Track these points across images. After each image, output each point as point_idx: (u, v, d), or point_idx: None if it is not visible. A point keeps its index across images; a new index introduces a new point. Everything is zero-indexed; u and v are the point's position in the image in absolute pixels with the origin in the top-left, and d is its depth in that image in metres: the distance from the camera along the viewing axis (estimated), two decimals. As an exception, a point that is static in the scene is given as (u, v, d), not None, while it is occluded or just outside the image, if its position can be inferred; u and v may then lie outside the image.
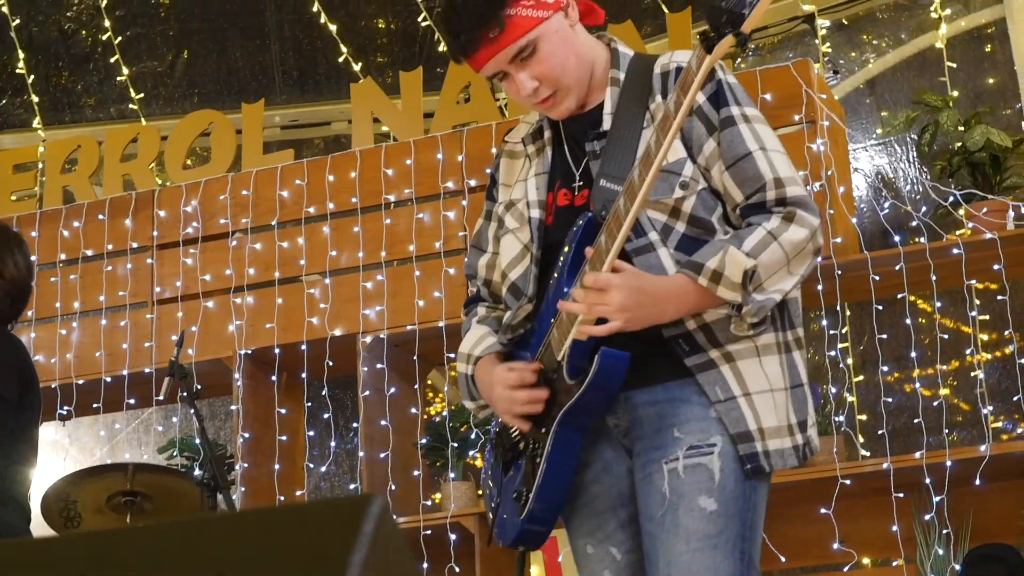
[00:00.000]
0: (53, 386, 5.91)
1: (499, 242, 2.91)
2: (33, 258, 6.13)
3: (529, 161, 2.88)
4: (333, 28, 7.48)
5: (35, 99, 7.79)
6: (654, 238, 2.64)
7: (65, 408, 6.01)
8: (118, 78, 7.72)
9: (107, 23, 7.70)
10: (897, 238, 5.32)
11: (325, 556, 1.16)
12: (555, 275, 2.73)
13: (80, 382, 5.97)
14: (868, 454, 5.32)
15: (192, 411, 4.66)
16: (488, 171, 5.61)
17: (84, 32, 7.84)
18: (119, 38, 7.72)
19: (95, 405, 6.03)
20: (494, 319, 2.94)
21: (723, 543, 2.59)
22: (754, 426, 2.62)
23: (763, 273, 2.57)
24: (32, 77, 7.80)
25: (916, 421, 5.17)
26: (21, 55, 7.78)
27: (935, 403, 5.40)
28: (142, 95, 7.72)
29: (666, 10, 6.58)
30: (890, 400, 5.58)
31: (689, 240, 2.64)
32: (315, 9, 7.50)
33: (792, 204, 2.63)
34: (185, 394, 4.71)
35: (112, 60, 7.71)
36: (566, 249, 2.69)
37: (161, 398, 4.73)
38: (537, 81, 2.71)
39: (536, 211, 2.81)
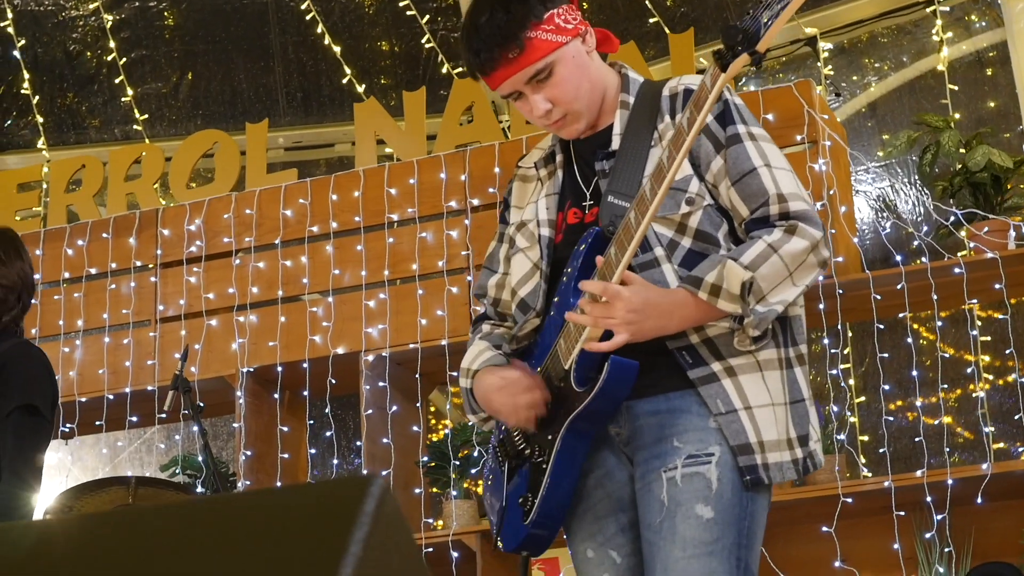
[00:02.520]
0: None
1: (509, 262, 2.98)
2: (36, 276, 6.17)
3: (541, 184, 2.96)
4: (337, 50, 7.52)
5: (40, 120, 7.82)
6: (659, 253, 2.70)
7: (67, 426, 6.02)
8: (123, 99, 7.75)
9: (112, 44, 7.73)
10: (899, 258, 5.33)
11: (327, 534, 1.17)
12: (560, 289, 2.78)
13: (83, 400, 5.98)
14: (870, 474, 5.33)
15: (195, 426, 4.66)
16: (491, 190, 5.66)
17: (89, 53, 7.87)
18: (124, 59, 7.75)
19: (98, 423, 6.03)
20: (497, 335, 2.99)
21: (719, 550, 2.62)
22: (754, 439, 2.66)
23: (764, 285, 2.61)
24: (37, 98, 7.84)
25: (917, 440, 5.17)
26: (26, 76, 7.81)
27: (936, 423, 5.40)
28: (146, 116, 7.75)
29: (668, 32, 6.61)
30: (891, 420, 5.59)
31: (694, 255, 2.70)
32: (319, 31, 7.53)
33: (795, 218, 2.68)
34: (188, 410, 4.71)
35: (117, 81, 7.74)
36: (574, 262, 2.74)
37: (165, 411, 4.74)
38: (551, 103, 2.78)
39: (546, 229, 2.88)
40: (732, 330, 2.65)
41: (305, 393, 5.73)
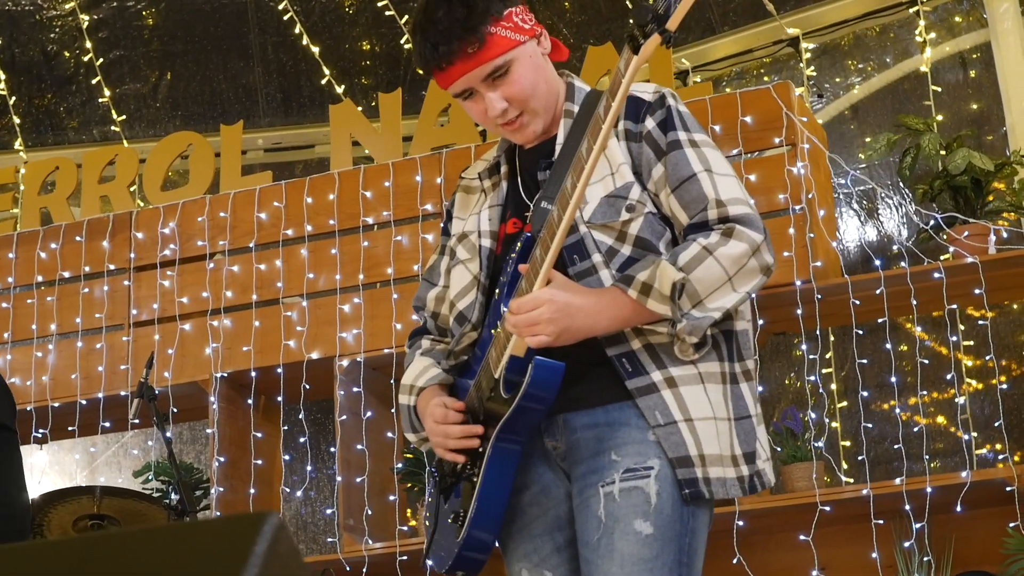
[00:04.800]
0: (29, 409, 5.86)
1: (450, 275, 2.92)
2: (10, 279, 6.11)
3: (485, 195, 2.89)
4: (316, 50, 7.45)
5: (17, 121, 7.75)
6: (597, 260, 2.64)
7: (40, 431, 5.96)
8: (100, 100, 7.69)
9: (89, 44, 7.67)
10: (878, 262, 5.28)
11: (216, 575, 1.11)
12: (494, 299, 2.73)
13: (56, 405, 5.92)
14: (852, 480, 5.27)
15: (162, 435, 4.60)
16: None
17: (67, 53, 7.80)
18: (102, 60, 7.68)
19: (71, 428, 5.97)
20: (438, 351, 2.93)
21: (659, 567, 2.55)
22: (695, 452, 2.59)
23: (700, 288, 2.54)
24: (14, 99, 7.77)
25: (897, 447, 5.12)
26: (2, 76, 7.74)
27: (915, 429, 5.35)
28: (124, 117, 7.68)
29: (649, 33, 6.54)
30: (871, 426, 5.54)
31: (634, 262, 2.63)
32: (298, 31, 7.47)
33: (734, 221, 2.61)
34: (155, 417, 4.65)
35: (95, 82, 7.68)
36: (506, 271, 2.68)
37: (132, 419, 4.68)
38: (506, 102, 2.70)
39: (487, 240, 2.82)
40: (671, 337, 2.58)
41: (279, 398, 5.67)
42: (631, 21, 2.30)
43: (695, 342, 2.58)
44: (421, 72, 2.82)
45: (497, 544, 2.77)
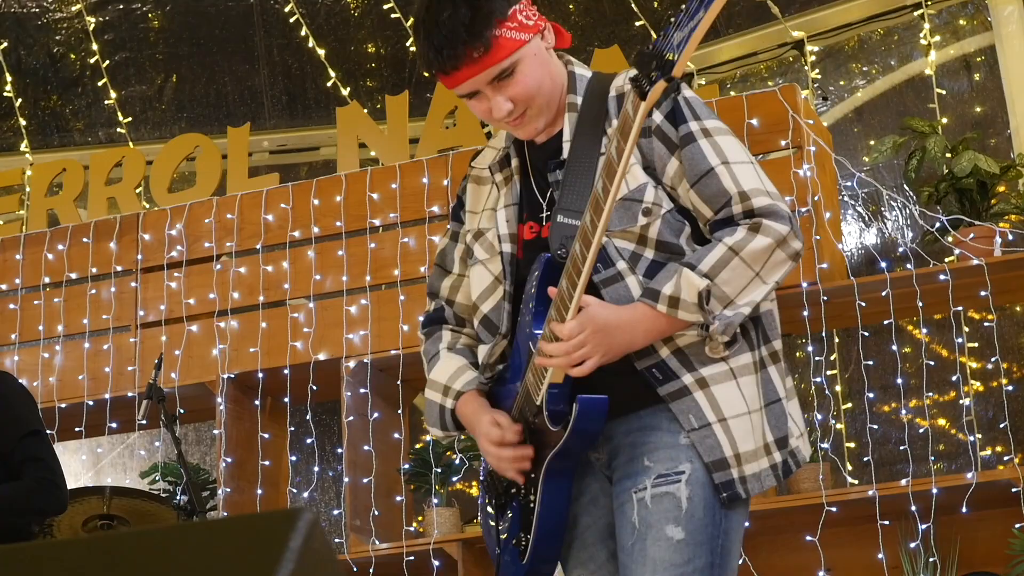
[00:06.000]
0: (35, 410, 5.87)
1: (465, 265, 2.90)
2: (17, 280, 6.12)
3: (497, 190, 2.85)
4: (322, 52, 7.47)
5: (23, 123, 7.77)
6: (622, 267, 2.62)
7: (47, 432, 5.95)
8: (106, 102, 7.70)
9: (95, 47, 7.68)
10: (884, 264, 5.29)
11: (251, 571, 1.12)
12: (522, 316, 2.72)
13: (63, 406, 5.93)
14: (856, 482, 5.29)
15: (172, 435, 4.62)
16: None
17: (73, 55, 7.82)
18: (108, 62, 7.70)
19: (77, 429, 5.99)
20: (464, 347, 2.91)
21: (690, 572, 2.55)
22: (730, 452, 2.58)
23: (728, 290, 2.54)
24: (20, 101, 7.78)
25: (903, 448, 5.13)
26: (9, 79, 7.76)
27: (921, 431, 5.36)
28: (130, 119, 7.70)
29: (655, 35, 6.57)
30: (876, 427, 5.55)
31: (658, 265, 2.62)
32: (303, 33, 7.49)
33: (759, 214, 2.59)
34: (164, 418, 4.67)
35: (101, 84, 7.69)
36: (531, 291, 2.67)
37: (141, 420, 4.69)
38: (512, 103, 2.68)
39: (508, 245, 2.78)
40: (702, 338, 2.58)
41: (286, 400, 5.69)
42: (635, 70, 2.27)
43: (727, 340, 2.59)
44: (427, 74, 2.80)
45: None
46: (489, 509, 2.86)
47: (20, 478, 4.10)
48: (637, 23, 7.01)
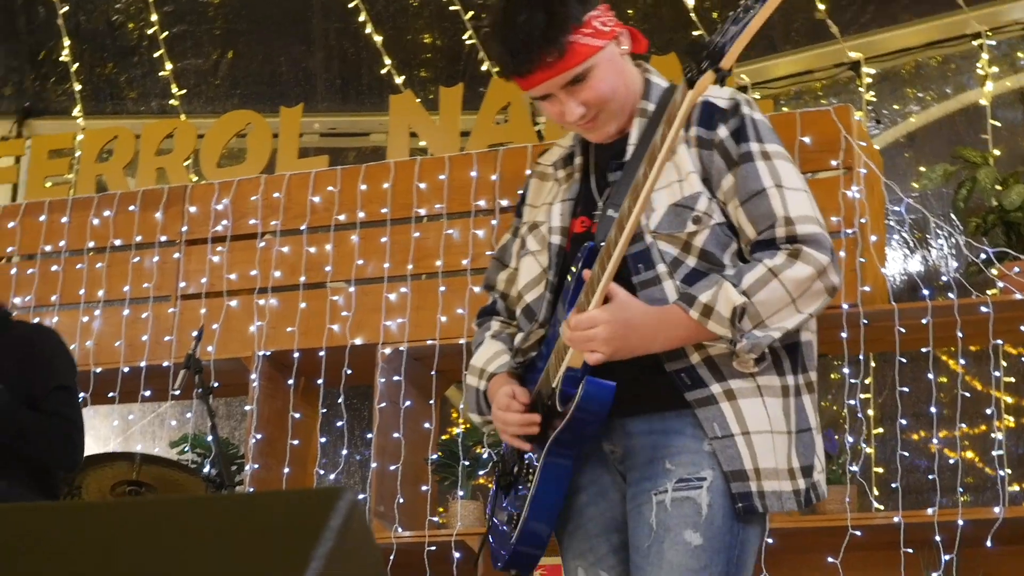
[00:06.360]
0: (70, 372, 5.91)
1: (520, 260, 2.94)
2: (61, 243, 6.16)
3: (558, 185, 2.89)
4: (379, 39, 7.49)
5: (77, 88, 7.82)
6: (662, 270, 2.64)
7: (80, 395, 5.99)
8: (161, 73, 7.74)
9: (154, 17, 7.73)
10: (926, 292, 5.28)
11: (289, 547, 1.14)
12: (560, 304, 2.76)
13: (98, 370, 5.97)
14: (882, 507, 5.27)
15: (205, 407, 4.65)
16: (521, 191, 5.60)
17: (131, 24, 7.87)
18: (165, 33, 7.74)
19: (111, 394, 6.03)
20: (508, 336, 2.95)
21: None
22: (750, 465, 2.60)
23: (762, 310, 2.56)
24: (76, 65, 7.83)
25: (931, 478, 5.12)
26: (66, 43, 7.81)
27: (951, 462, 5.34)
28: (184, 91, 7.74)
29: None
30: (906, 454, 5.53)
31: (698, 274, 2.64)
32: (362, 19, 7.51)
33: (801, 241, 2.61)
34: (200, 389, 4.70)
35: (157, 55, 7.74)
36: (569, 278, 2.71)
37: (176, 390, 4.72)
38: (584, 107, 2.71)
39: (557, 237, 2.83)
40: (730, 352, 2.60)
41: (320, 381, 5.71)
42: (688, 57, 2.34)
43: (755, 358, 2.59)
44: (503, 79, 2.82)
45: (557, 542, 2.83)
46: (493, 493, 2.92)
47: None
48: (695, 32, 7.00)
